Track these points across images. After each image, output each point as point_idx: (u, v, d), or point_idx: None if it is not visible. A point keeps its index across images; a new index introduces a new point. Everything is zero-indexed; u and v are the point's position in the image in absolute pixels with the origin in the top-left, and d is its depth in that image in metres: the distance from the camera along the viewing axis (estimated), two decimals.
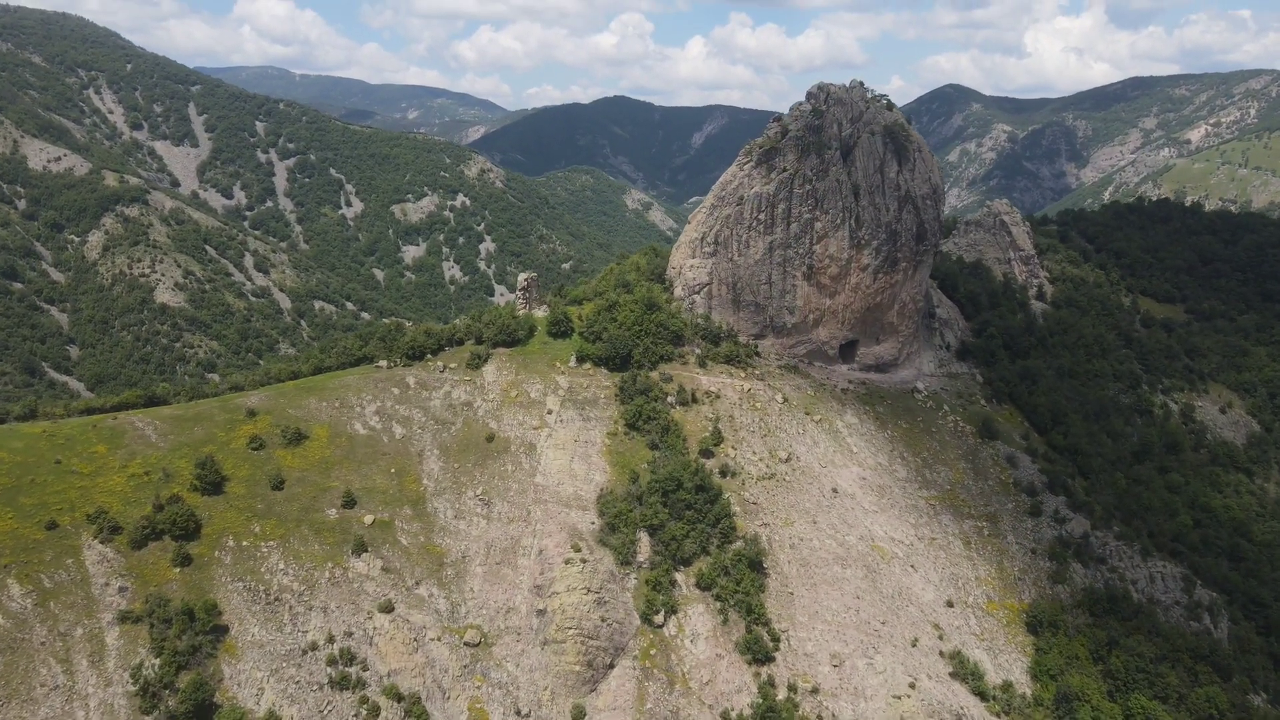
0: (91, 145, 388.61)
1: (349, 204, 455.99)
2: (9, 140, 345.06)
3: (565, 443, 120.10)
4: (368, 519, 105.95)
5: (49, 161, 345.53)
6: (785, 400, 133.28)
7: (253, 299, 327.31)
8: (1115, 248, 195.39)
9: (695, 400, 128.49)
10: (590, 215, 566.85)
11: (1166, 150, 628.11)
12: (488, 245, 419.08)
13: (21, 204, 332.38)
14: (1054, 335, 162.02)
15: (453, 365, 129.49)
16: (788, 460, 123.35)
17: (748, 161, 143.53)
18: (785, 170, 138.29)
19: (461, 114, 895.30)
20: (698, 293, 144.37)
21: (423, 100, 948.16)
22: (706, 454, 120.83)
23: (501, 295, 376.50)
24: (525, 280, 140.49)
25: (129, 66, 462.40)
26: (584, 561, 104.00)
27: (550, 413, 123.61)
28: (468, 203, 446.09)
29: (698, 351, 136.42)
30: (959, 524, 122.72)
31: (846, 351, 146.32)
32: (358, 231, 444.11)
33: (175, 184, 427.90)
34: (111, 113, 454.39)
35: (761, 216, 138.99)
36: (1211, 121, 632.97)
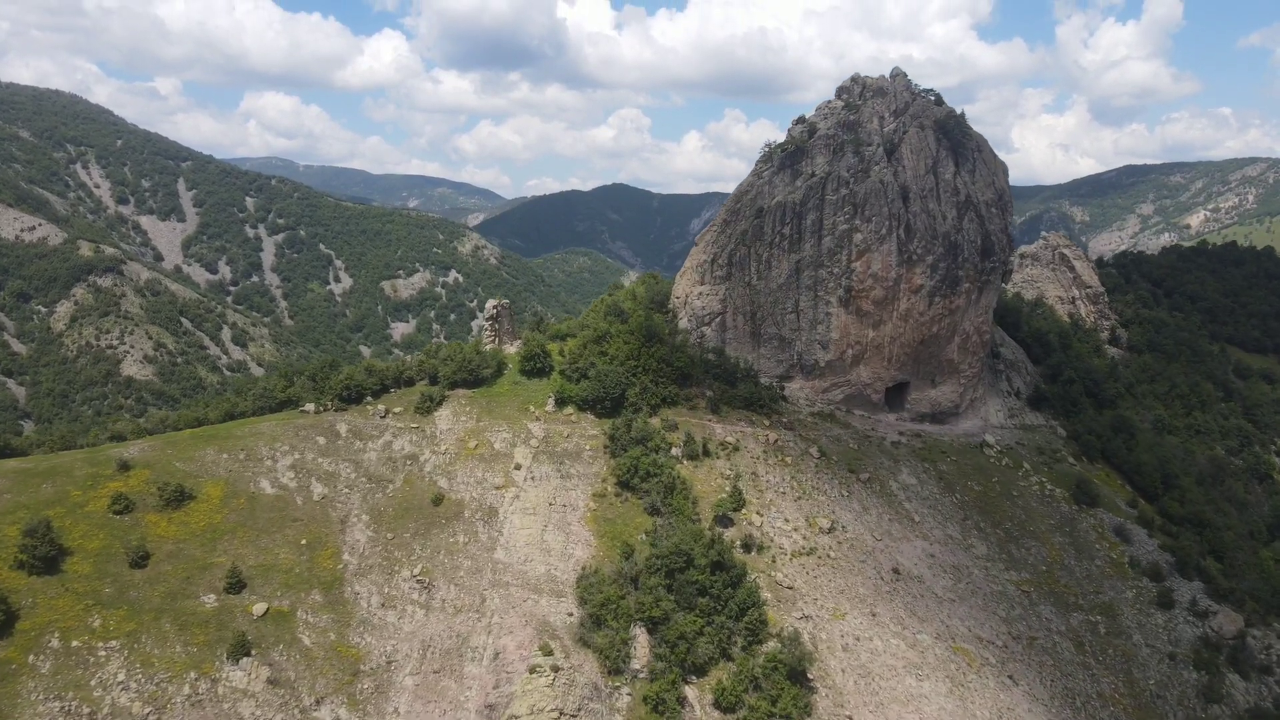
0: (73, 218, 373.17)
1: (337, 280, 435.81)
2: None
3: (537, 506, 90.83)
4: (258, 608, 76.45)
5: (22, 230, 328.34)
6: (823, 454, 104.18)
7: (227, 373, 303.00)
8: (1188, 291, 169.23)
9: (708, 453, 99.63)
10: (587, 296, 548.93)
11: (1166, 235, 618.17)
12: (480, 323, 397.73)
13: None
14: (1141, 383, 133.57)
15: (397, 409, 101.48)
16: (831, 530, 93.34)
17: (767, 167, 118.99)
18: (814, 175, 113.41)
19: (461, 202, 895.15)
20: (708, 324, 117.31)
21: (423, 189, 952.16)
22: (724, 521, 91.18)
23: None
24: (494, 307, 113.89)
25: (119, 142, 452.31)
26: (556, 670, 73.47)
27: (519, 468, 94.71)
28: (461, 279, 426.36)
29: (709, 394, 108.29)
30: (1065, 618, 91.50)
31: (894, 397, 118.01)
32: (345, 307, 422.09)
33: (159, 258, 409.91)
34: (98, 187, 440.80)
35: (786, 230, 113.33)
36: (1210, 207, 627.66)
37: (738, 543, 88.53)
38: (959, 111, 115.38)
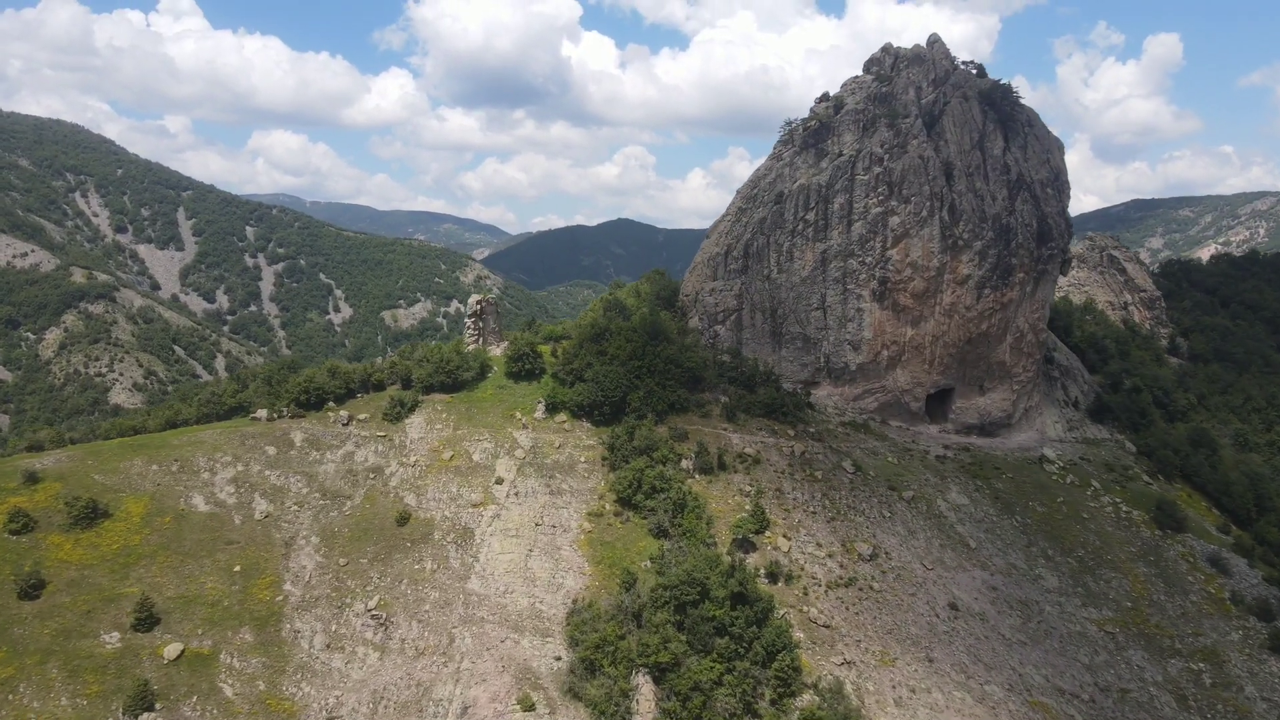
0: (69, 246, 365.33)
1: (337, 309, 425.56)
2: None
3: (521, 527, 76.11)
4: (170, 650, 61.97)
5: (14, 257, 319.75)
6: (858, 469, 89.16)
7: None
8: (1246, 299, 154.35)
9: (724, 466, 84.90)
10: None
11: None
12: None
13: None
14: (1213, 395, 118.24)
15: (362, 416, 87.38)
16: (873, 557, 78.03)
17: (788, 147, 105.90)
18: (841, 154, 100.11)
19: (467, 238, 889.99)
20: (722, 322, 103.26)
21: (429, 225, 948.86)
22: (744, 545, 76.09)
23: None
24: (478, 303, 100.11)
25: (119, 171, 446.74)
26: None
27: (501, 482, 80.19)
28: (463, 309, 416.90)
29: (724, 399, 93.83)
30: (1161, 666, 75.45)
31: (935, 406, 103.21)
32: (344, 337, 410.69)
33: (155, 287, 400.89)
34: (96, 215, 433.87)
35: (810, 216, 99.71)
36: (1220, 241, 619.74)
37: (762, 571, 73.31)
38: (1008, 84, 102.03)
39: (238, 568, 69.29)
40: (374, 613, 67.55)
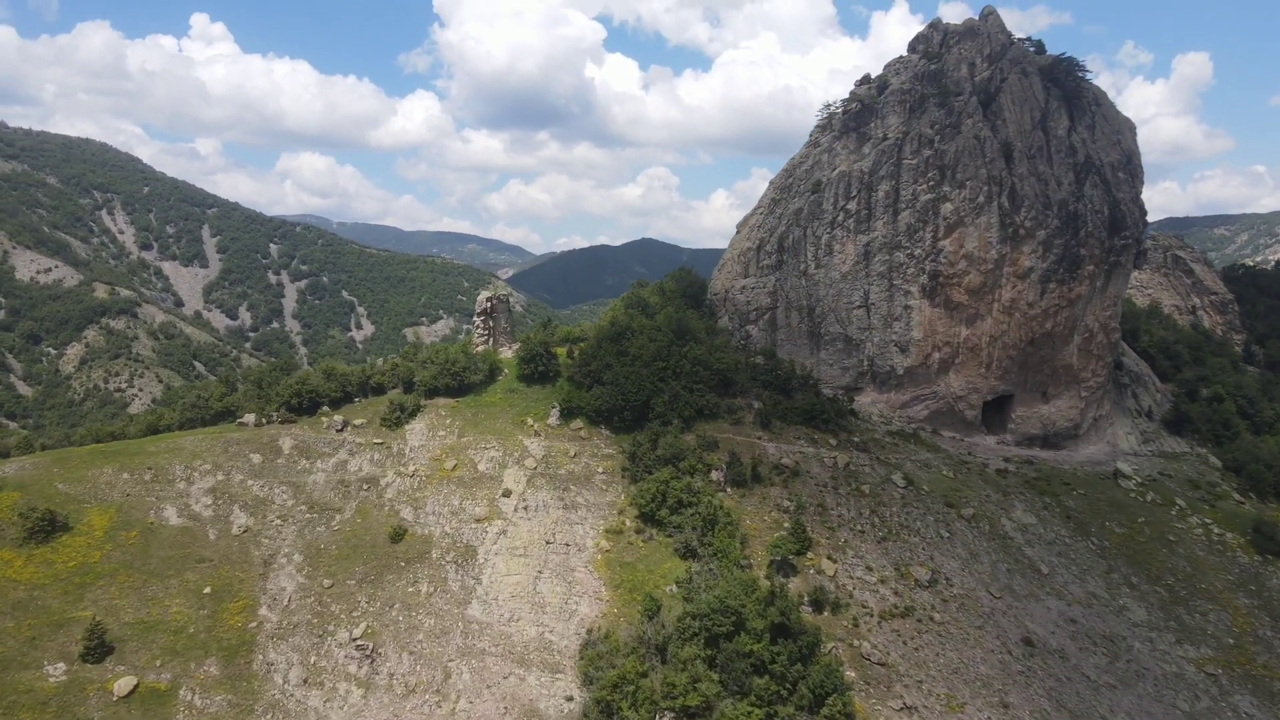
0: (94, 262, 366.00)
1: (359, 326, 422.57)
2: None
3: (530, 545, 67.26)
4: (122, 685, 53.87)
5: (38, 272, 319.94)
6: (910, 483, 79.31)
7: None
8: None
9: (758, 478, 75.56)
10: None
11: None
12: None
13: (0, 314, 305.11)
14: None
15: (358, 422, 79.32)
16: (932, 583, 68.04)
17: (826, 133, 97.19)
18: (886, 137, 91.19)
19: (492, 258, 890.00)
20: (755, 321, 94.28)
21: (454, 245, 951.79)
22: (784, 568, 66.56)
23: None
24: (488, 300, 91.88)
25: (146, 189, 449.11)
26: None
27: (508, 495, 71.49)
28: None
29: (757, 405, 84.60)
30: (1274, 713, 64.41)
31: (992, 414, 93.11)
32: (366, 354, 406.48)
33: (179, 303, 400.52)
34: (122, 233, 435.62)
35: (852, 206, 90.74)
36: (1258, 259, 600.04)
37: (805, 598, 63.67)
38: (1073, 58, 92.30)
39: (208, 589, 61.09)
40: (359, 643, 58.90)
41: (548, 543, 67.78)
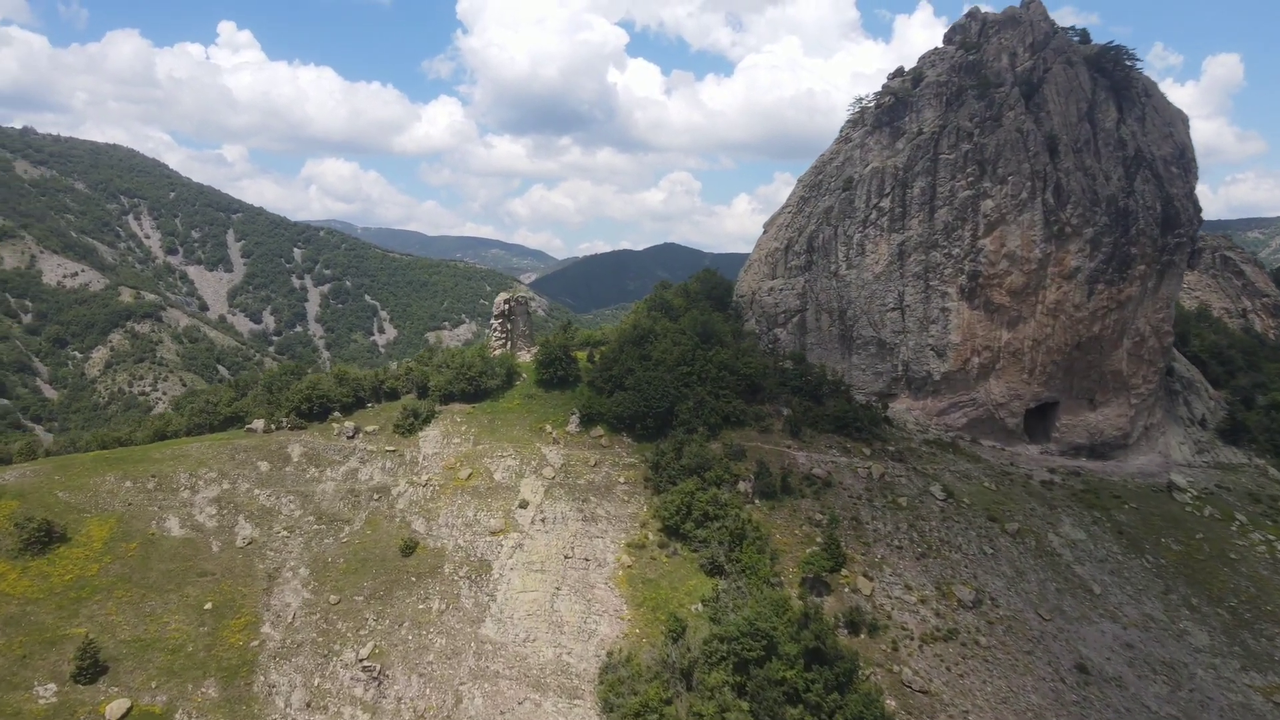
0: (120, 267, 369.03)
1: (381, 330, 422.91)
2: (26, 255, 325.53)
3: (547, 560, 63.68)
4: (115, 708, 51.11)
5: (65, 277, 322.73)
6: (949, 496, 74.83)
7: None
8: None
9: (789, 489, 71.49)
10: None
11: None
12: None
13: (27, 318, 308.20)
14: None
15: (370, 428, 76.26)
16: (977, 604, 63.56)
17: (858, 128, 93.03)
18: (921, 132, 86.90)
19: (515, 263, 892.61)
20: (783, 324, 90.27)
21: (477, 250, 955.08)
22: (817, 586, 62.45)
23: None
24: (505, 302, 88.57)
25: (172, 194, 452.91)
26: None
27: (525, 506, 67.99)
28: None
29: (786, 412, 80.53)
30: None
31: (1035, 423, 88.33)
32: (388, 358, 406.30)
33: (204, 308, 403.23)
34: (148, 238, 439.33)
35: (885, 204, 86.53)
36: None
37: (840, 619, 59.54)
38: (1123, 47, 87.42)
39: (209, 605, 58.09)
40: (366, 664, 55.58)
41: (566, 557, 64.18)
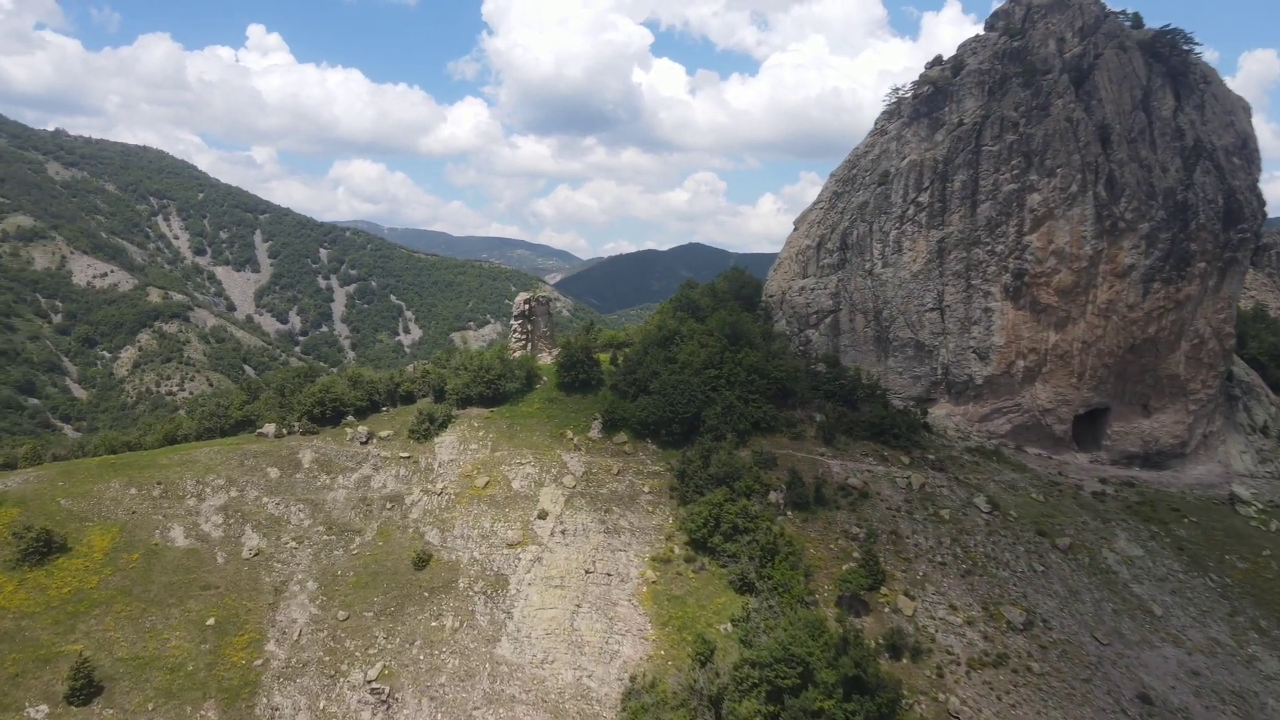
0: (149, 267, 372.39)
1: (407, 330, 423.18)
2: (57, 256, 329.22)
3: (567, 575, 60.17)
4: None
5: (94, 277, 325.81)
6: (995, 508, 70.29)
7: None
8: None
9: (822, 500, 67.40)
10: None
11: None
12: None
13: (58, 318, 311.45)
14: None
15: (384, 433, 73.26)
16: (1028, 627, 59.10)
17: (894, 120, 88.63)
18: (962, 122, 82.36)
19: (540, 263, 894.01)
20: (815, 325, 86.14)
21: (502, 250, 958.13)
22: (854, 606, 58.37)
23: None
24: (525, 302, 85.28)
25: (201, 195, 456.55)
26: None
27: (545, 517, 64.55)
28: None
29: (819, 418, 76.41)
30: None
31: (1084, 430, 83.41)
32: (414, 358, 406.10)
33: (231, 308, 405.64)
34: (177, 238, 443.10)
35: (924, 198, 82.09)
36: None
37: (881, 642, 55.40)
38: (1183, 30, 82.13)
39: (211, 620, 55.25)
40: (375, 685, 52.42)
41: (587, 572, 60.63)
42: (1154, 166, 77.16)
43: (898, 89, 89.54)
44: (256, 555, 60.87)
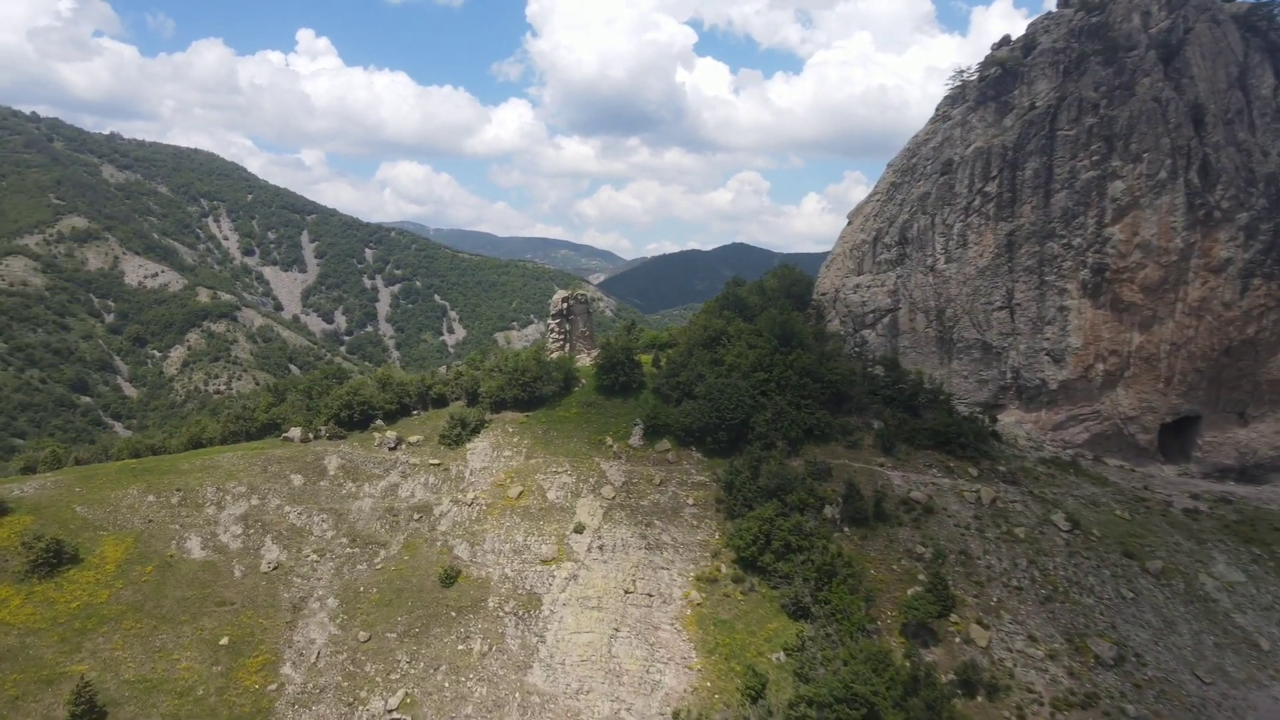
0: (199, 268, 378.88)
1: (451, 330, 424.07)
2: (110, 256, 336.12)
3: (605, 595, 55.54)
4: None
5: (145, 277, 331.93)
6: (1074, 525, 63.84)
7: None
8: None
9: (883, 516, 61.75)
10: None
11: None
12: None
13: (110, 317, 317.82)
14: None
15: (414, 439, 69.44)
16: (1119, 662, 52.82)
17: (958, 105, 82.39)
18: (1034, 106, 75.82)
19: (583, 264, 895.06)
20: (871, 325, 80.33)
21: (546, 251, 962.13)
22: (921, 636, 52.68)
23: None
24: (563, 301, 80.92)
25: (250, 197, 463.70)
26: None
27: (582, 530, 60.02)
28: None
29: (878, 425, 70.64)
30: None
31: (1170, 439, 76.18)
32: (457, 358, 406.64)
33: (279, 307, 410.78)
34: (227, 239, 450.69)
35: (991, 188, 75.77)
36: None
37: (952, 677, 49.68)
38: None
39: (225, 640, 51.74)
40: (395, 715, 48.39)
41: (627, 592, 55.90)
42: (1253, 150, 69.88)
43: (962, 71, 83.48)
44: (276, 569, 57.35)
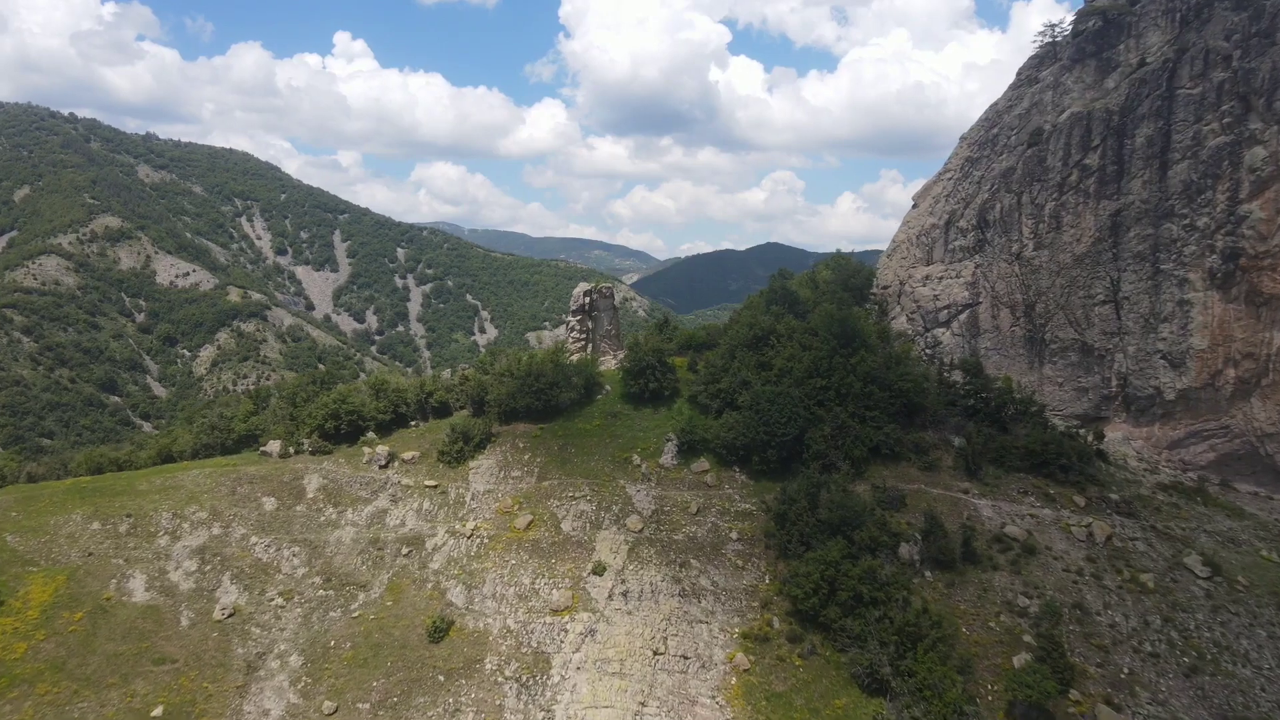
0: (232, 267, 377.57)
1: (482, 330, 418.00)
2: (142, 255, 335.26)
3: (629, 656, 44.62)
4: None
5: (177, 276, 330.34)
6: (1215, 571, 51.39)
7: None
8: None
9: (973, 558, 49.96)
10: None
11: None
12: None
13: (140, 317, 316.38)
14: None
15: (409, 455, 59.25)
16: None
17: (1048, 65, 70.10)
18: (1144, 62, 63.34)
19: (617, 264, 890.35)
20: (945, 323, 68.44)
21: (580, 251, 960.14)
22: (1034, 719, 40.78)
23: None
24: (585, 295, 70.10)
25: (283, 196, 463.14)
26: None
27: (602, 571, 49.22)
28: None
29: (959, 442, 58.73)
30: None
31: None
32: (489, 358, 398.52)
33: (310, 307, 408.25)
34: (260, 239, 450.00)
35: (1091, 160, 63.48)
36: None
37: None
38: None
39: (158, 710, 41.90)
40: None
41: (656, 653, 44.97)
42: None
43: (1053, 25, 71.08)
44: (231, 616, 47.46)
